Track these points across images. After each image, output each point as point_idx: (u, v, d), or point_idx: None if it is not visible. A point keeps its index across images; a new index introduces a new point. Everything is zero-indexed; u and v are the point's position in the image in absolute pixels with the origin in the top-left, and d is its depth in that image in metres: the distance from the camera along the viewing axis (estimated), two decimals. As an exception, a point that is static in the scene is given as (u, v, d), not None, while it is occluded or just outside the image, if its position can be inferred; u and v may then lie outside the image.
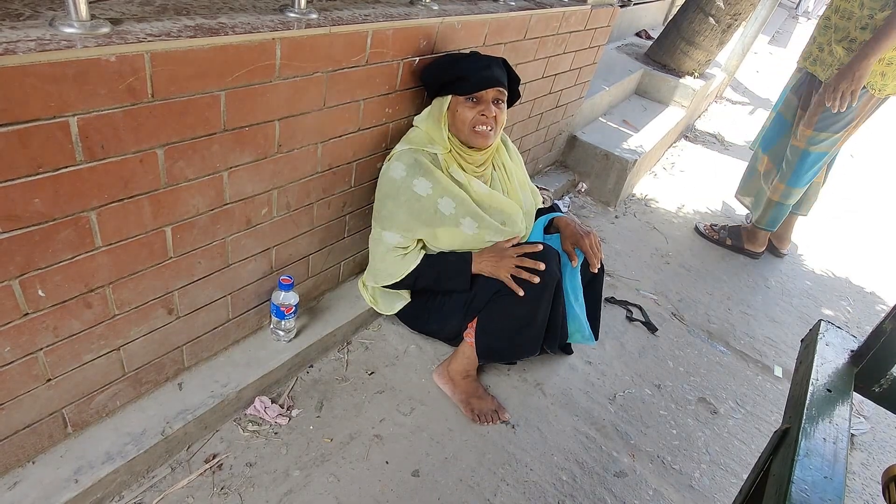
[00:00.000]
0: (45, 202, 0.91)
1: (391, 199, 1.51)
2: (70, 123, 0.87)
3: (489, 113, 1.48)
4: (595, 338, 1.78)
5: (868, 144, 5.67)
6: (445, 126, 1.52)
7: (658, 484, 1.64)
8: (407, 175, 1.49)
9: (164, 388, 1.37)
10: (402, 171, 1.49)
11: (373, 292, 1.75)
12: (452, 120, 1.51)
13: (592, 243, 1.62)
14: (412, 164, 1.49)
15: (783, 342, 2.44)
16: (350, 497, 1.36)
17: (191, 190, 1.13)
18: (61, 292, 1.02)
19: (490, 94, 1.48)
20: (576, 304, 1.65)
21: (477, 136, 1.51)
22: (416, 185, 1.49)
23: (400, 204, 1.50)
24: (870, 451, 2.01)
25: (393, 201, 1.50)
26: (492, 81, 1.46)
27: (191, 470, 1.32)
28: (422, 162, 1.50)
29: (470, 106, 1.48)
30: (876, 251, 3.58)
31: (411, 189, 1.49)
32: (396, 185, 1.50)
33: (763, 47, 8.50)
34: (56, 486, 1.13)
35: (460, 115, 1.49)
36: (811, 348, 1.06)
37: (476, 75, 1.45)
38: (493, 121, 1.50)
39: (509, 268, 1.50)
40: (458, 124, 1.50)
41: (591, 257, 1.60)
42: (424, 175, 1.49)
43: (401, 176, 1.49)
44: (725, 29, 3.85)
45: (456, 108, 1.49)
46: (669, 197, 3.48)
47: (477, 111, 1.48)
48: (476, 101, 1.48)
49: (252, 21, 1.10)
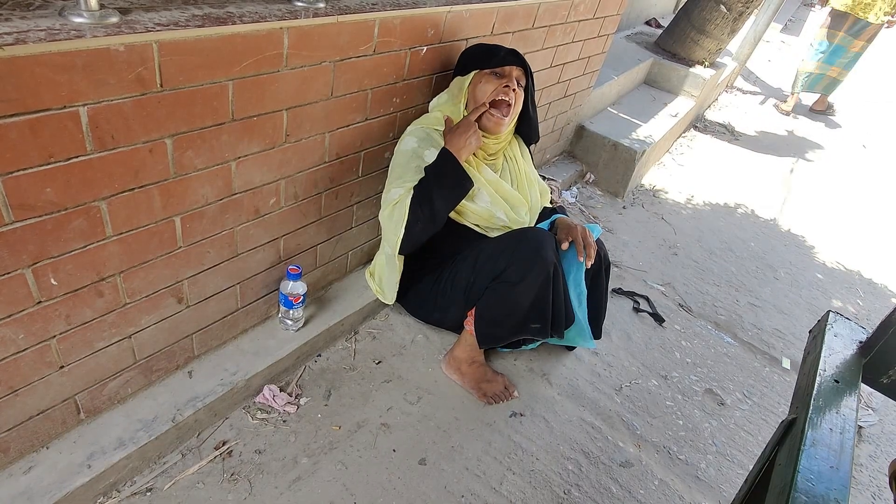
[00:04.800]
0: (57, 191, 0.92)
1: (401, 166, 1.52)
2: (80, 113, 0.88)
3: (512, 85, 1.50)
4: (598, 336, 1.79)
5: (881, 136, 5.59)
6: (463, 103, 1.55)
7: (664, 474, 1.64)
8: (418, 146, 1.51)
9: (174, 375, 1.39)
10: (414, 142, 1.52)
11: (379, 281, 1.75)
12: (473, 94, 1.54)
13: (584, 234, 1.57)
14: (424, 137, 1.53)
15: (792, 334, 2.43)
16: (357, 484, 1.38)
17: (200, 180, 1.14)
18: (73, 281, 1.03)
19: (514, 72, 1.53)
20: (578, 309, 1.63)
21: (492, 117, 1.52)
22: (426, 154, 1.51)
23: (409, 168, 1.49)
24: (877, 444, 2.01)
25: (402, 167, 1.51)
26: (517, 60, 1.52)
27: (201, 456, 1.34)
28: (433, 137, 1.53)
29: (494, 79, 1.51)
30: (888, 243, 3.54)
31: (422, 157, 1.51)
32: (407, 155, 1.51)
33: (775, 36, 8.37)
34: (70, 470, 1.15)
35: (482, 88, 1.51)
36: (819, 339, 1.06)
37: (503, 51, 1.52)
38: (515, 95, 1.52)
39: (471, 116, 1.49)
40: (479, 96, 1.52)
41: (579, 245, 1.54)
42: (435, 146, 1.51)
43: (412, 147, 1.51)
44: (737, 17, 3.80)
45: (479, 82, 1.52)
46: (678, 187, 3.45)
47: (500, 83, 1.50)
48: (500, 75, 1.52)
49: (260, 10, 1.10)
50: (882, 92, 7.49)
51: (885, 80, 8.02)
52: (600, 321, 1.81)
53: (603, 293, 1.78)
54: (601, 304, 1.79)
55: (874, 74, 7.96)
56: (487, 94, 1.50)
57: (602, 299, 1.78)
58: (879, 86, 7.69)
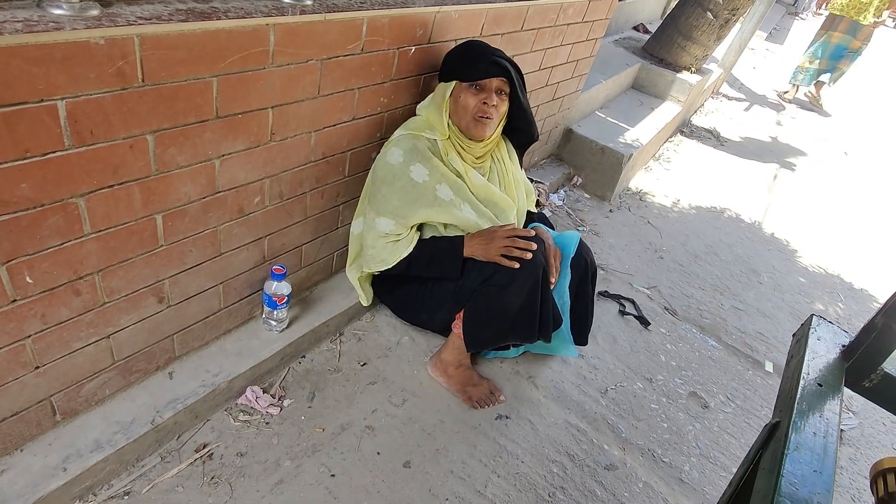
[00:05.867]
0: (33, 187, 0.89)
1: (386, 184, 1.49)
2: (58, 107, 0.86)
3: (491, 101, 1.47)
4: (585, 342, 1.79)
5: (862, 143, 5.69)
6: (446, 113, 1.52)
7: (648, 477, 1.65)
8: (404, 161, 1.48)
9: (154, 377, 1.36)
10: (400, 156, 1.48)
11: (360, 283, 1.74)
12: (454, 107, 1.50)
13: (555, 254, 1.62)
14: (410, 149, 1.48)
15: (774, 337, 2.45)
16: (341, 487, 1.36)
17: (182, 177, 1.12)
18: (49, 279, 1.00)
19: (494, 84, 1.48)
20: None
21: (477, 124, 1.50)
22: (412, 171, 1.48)
23: (395, 190, 1.49)
24: (858, 446, 2.03)
25: (388, 187, 1.49)
26: (497, 71, 1.46)
27: (181, 459, 1.31)
28: (420, 148, 1.49)
29: (473, 93, 1.47)
30: (868, 248, 3.60)
31: (408, 175, 1.48)
32: (393, 170, 1.48)
33: (760, 44, 8.50)
34: (44, 473, 1.12)
35: (462, 102, 1.48)
36: (803, 343, 1.06)
37: (483, 62, 1.45)
38: (495, 110, 1.49)
39: (500, 248, 1.48)
40: (460, 111, 1.49)
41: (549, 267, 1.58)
42: (421, 161, 1.48)
43: (397, 161, 1.48)
44: (723, 24, 3.84)
45: (459, 95, 1.49)
46: (664, 191, 3.48)
47: (479, 99, 1.47)
48: (479, 88, 1.47)
49: (245, 6, 1.08)
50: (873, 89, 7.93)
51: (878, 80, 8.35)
52: (587, 328, 1.80)
53: (589, 301, 1.76)
54: (588, 311, 1.78)
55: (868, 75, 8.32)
56: (469, 109, 1.48)
57: (589, 306, 1.77)
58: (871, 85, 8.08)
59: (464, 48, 1.52)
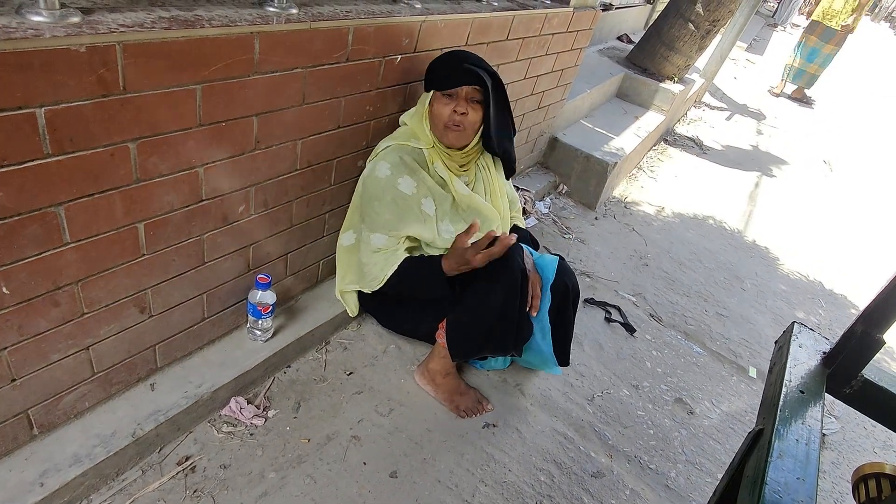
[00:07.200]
0: (10, 196, 0.88)
1: (377, 199, 1.49)
2: (37, 115, 0.84)
3: (460, 109, 1.47)
4: (566, 363, 1.72)
5: (843, 155, 5.81)
6: (426, 122, 1.52)
7: (635, 484, 1.65)
8: (392, 174, 1.48)
9: (135, 388, 1.34)
10: (387, 170, 1.48)
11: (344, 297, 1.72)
12: (430, 115, 1.51)
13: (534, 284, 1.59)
14: (396, 162, 1.48)
15: (758, 343, 2.48)
16: (327, 499, 1.34)
17: (165, 186, 1.10)
18: (27, 290, 0.98)
19: (464, 91, 1.47)
20: (543, 342, 1.62)
21: (447, 132, 1.50)
22: (400, 183, 1.48)
23: (385, 203, 1.48)
24: (839, 451, 2.06)
25: (378, 202, 1.49)
26: (469, 78, 1.45)
27: (162, 472, 1.29)
28: (406, 160, 1.50)
29: (445, 102, 1.47)
30: (848, 256, 3.67)
31: (396, 188, 1.48)
32: (381, 184, 1.48)
33: (740, 54, 8.66)
34: (20, 489, 1.09)
35: (436, 111, 1.48)
36: (785, 350, 1.08)
37: (455, 71, 1.45)
38: (465, 118, 1.48)
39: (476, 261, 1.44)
40: (435, 120, 1.50)
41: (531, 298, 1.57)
42: (409, 174, 1.49)
43: (385, 175, 1.48)
44: (704, 35, 3.91)
45: (434, 103, 1.49)
46: (649, 199, 3.52)
47: (450, 107, 1.47)
48: (451, 97, 1.47)
49: (230, 14, 1.07)
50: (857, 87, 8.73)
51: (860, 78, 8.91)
52: (567, 348, 1.73)
53: (570, 324, 1.71)
54: (568, 333, 1.72)
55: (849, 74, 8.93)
56: (442, 117, 1.48)
57: (569, 329, 1.71)
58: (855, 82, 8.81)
59: (443, 57, 1.52)
